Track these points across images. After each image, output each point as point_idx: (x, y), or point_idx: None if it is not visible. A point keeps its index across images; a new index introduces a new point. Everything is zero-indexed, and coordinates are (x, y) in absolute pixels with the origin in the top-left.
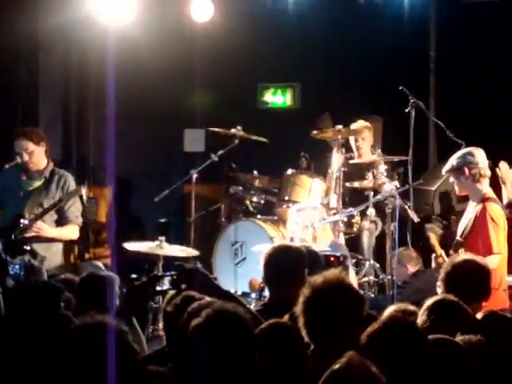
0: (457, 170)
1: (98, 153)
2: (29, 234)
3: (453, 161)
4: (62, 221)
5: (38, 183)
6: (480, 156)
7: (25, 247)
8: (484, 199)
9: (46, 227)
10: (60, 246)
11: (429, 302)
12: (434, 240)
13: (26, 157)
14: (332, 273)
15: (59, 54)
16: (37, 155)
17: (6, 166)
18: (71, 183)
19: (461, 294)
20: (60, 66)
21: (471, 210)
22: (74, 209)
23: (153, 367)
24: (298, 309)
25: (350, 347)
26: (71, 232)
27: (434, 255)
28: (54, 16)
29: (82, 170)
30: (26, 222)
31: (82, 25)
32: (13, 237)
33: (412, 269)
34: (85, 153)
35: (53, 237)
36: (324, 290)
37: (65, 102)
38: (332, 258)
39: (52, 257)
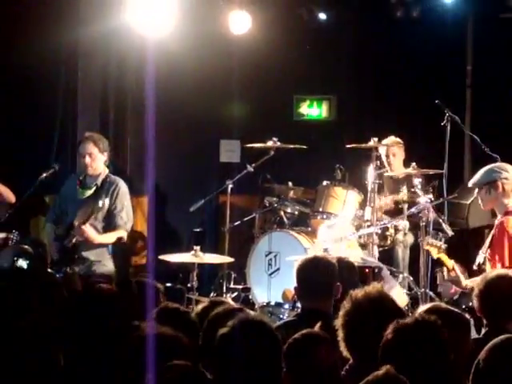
0: (490, 184)
1: (135, 162)
2: (76, 240)
3: (483, 175)
4: (110, 226)
5: (89, 192)
6: (511, 171)
7: (76, 256)
8: (505, 213)
9: (91, 232)
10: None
11: None
12: (436, 254)
13: (87, 159)
14: (373, 287)
15: (98, 63)
16: (97, 161)
17: (44, 175)
18: (121, 190)
19: (495, 310)
20: (99, 75)
21: (496, 224)
22: (124, 214)
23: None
24: (338, 322)
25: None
26: (118, 237)
27: (445, 268)
28: (94, 26)
29: None
30: (75, 229)
31: (120, 35)
32: (64, 245)
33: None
34: (122, 162)
35: (100, 242)
36: (365, 304)
37: (103, 111)
38: (367, 270)
39: (105, 262)
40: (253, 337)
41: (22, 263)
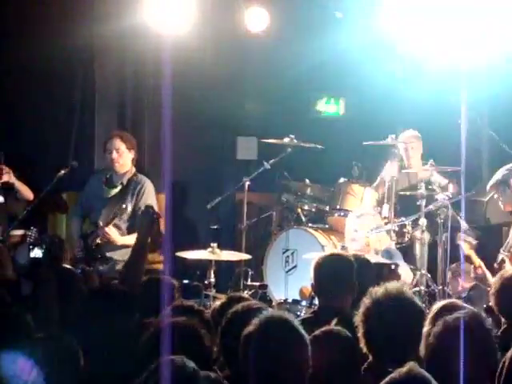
0: (503, 183)
1: (153, 159)
2: (98, 241)
3: (498, 175)
4: (136, 226)
5: (115, 190)
6: None
7: (99, 255)
8: None
9: (113, 233)
10: None
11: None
12: (468, 250)
13: (114, 154)
14: (393, 284)
15: (115, 62)
16: (124, 158)
17: (62, 172)
18: (147, 190)
19: None
20: (115, 74)
21: None
22: None
23: (204, 372)
24: (358, 319)
25: (408, 360)
26: None
27: (472, 266)
28: (110, 25)
29: None
30: (98, 230)
31: (137, 34)
32: (89, 244)
33: (465, 284)
34: (139, 159)
35: (122, 243)
36: (385, 302)
37: (120, 109)
38: (384, 267)
39: None
40: (279, 335)
41: (38, 252)
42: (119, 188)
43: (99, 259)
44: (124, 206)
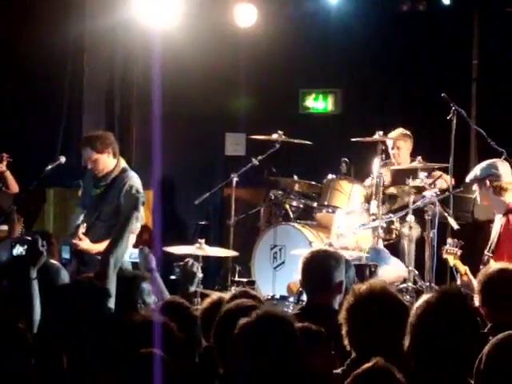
0: (479, 181)
1: (141, 155)
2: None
3: (476, 171)
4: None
5: (98, 191)
6: (504, 169)
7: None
8: (508, 210)
9: (85, 244)
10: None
11: None
12: (453, 261)
13: (89, 165)
14: (376, 281)
15: (104, 56)
16: (101, 163)
17: (49, 167)
18: (130, 186)
19: (498, 303)
20: (105, 68)
21: (497, 222)
22: None
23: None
24: (341, 316)
25: (392, 357)
26: None
27: (458, 274)
28: (100, 19)
29: None
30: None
31: (127, 28)
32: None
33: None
34: (127, 155)
35: (97, 251)
36: (368, 299)
37: (109, 104)
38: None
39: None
40: (272, 330)
41: (19, 250)
42: (103, 188)
43: (80, 263)
44: (104, 206)
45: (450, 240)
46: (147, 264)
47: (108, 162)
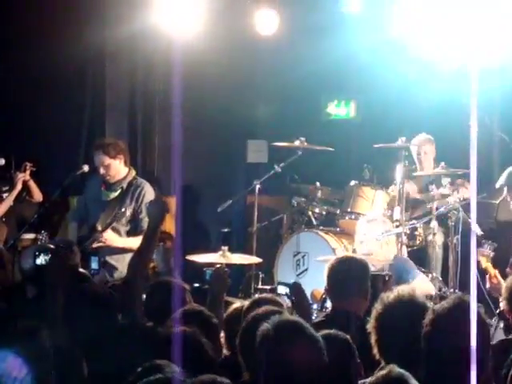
0: (509, 186)
1: (163, 163)
2: (96, 245)
3: (504, 176)
4: (136, 230)
5: (114, 194)
6: None
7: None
8: None
9: (113, 237)
10: None
11: None
12: (485, 263)
13: (102, 170)
14: (404, 288)
15: (125, 64)
16: (113, 168)
17: (73, 175)
18: (147, 194)
19: None
20: (126, 76)
21: None
22: None
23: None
24: (370, 325)
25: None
26: None
27: (487, 276)
28: (121, 27)
29: (147, 179)
30: (97, 234)
31: (148, 36)
32: (85, 247)
33: None
34: (150, 162)
35: (122, 247)
36: (396, 307)
37: (131, 112)
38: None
39: (124, 268)
40: (290, 337)
41: (42, 259)
42: (119, 192)
43: (108, 273)
44: (123, 209)
45: (483, 241)
46: (166, 260)
47: (120, 168)
